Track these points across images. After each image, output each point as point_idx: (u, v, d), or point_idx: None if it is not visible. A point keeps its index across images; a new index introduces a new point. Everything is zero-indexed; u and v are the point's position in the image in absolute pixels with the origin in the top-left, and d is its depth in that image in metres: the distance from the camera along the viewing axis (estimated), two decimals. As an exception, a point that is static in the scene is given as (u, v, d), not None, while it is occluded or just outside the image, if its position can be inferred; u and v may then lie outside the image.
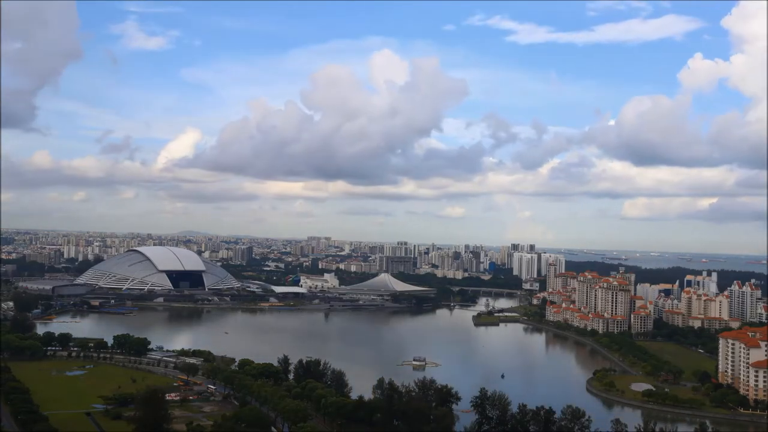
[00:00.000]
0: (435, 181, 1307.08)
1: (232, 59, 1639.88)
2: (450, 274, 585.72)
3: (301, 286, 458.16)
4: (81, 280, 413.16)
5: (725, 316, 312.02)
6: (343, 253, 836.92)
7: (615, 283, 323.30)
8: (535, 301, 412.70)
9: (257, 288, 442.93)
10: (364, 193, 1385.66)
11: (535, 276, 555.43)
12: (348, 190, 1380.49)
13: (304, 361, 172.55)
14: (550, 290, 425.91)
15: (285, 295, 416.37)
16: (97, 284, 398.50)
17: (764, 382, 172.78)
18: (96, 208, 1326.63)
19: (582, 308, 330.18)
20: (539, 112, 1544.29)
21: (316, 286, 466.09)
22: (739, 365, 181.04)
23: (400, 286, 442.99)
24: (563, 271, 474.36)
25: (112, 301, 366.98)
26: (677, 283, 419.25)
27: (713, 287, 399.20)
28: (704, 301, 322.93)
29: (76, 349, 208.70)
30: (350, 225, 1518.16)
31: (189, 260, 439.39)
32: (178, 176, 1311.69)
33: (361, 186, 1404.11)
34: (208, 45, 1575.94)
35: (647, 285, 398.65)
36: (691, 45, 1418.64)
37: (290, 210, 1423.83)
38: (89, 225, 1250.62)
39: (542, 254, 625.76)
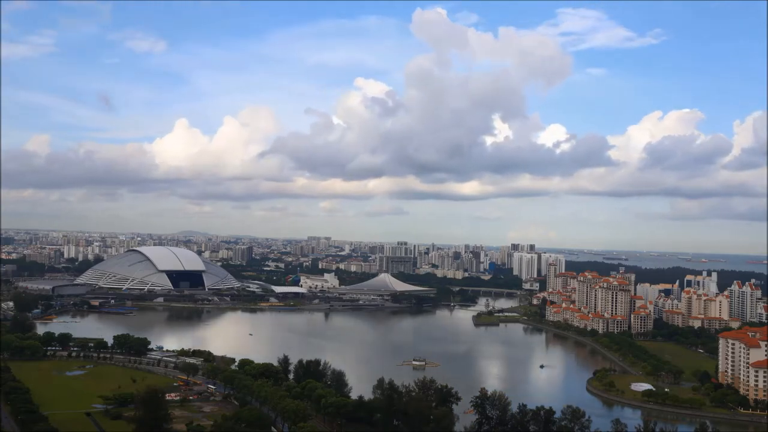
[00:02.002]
0: (502, 178, 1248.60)
1: (203, 42, 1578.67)
2: (450, 274, 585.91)
3: (301, 286, 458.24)
4: (81, 280, 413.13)
5: (725, 316, 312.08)
6: (343, 253, 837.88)
7: (615, 283, 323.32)
8: (535, 301, 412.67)
9: (257, 288, 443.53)
10: (422, 191, 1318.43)
11: (535, 276, 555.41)
12: (403, 188, 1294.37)
13: (304, 361, 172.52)
14: (550, 290, 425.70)
15: (285, 295, 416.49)
16: (97, 284, 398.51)
17: (764, 382, 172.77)
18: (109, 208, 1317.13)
19: (582, 308, 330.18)
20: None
21: (316, 286, 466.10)
22: (739, 365, 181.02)
23: (400, 286, 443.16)
24: (563, 271, 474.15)
25: (112, 301, 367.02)
26: (677, 283, 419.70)
27: (713, 287, 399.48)
28: (704, 301, 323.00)
29: (76, 349, 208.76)
30: (376, 225, 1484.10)
31: (189, 260, 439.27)
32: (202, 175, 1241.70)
33: (431, 184, 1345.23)
34: (176, 28, 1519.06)
35: (647, 285, 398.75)
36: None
37: (317, 209, 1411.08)
38: (91, 225, 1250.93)
39: (542, 254, 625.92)
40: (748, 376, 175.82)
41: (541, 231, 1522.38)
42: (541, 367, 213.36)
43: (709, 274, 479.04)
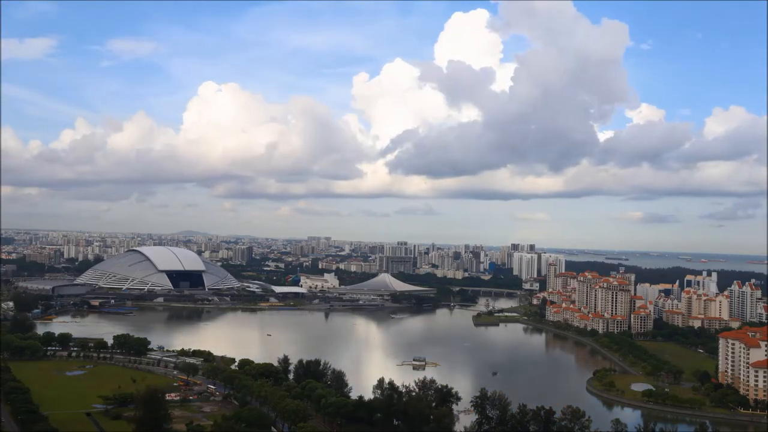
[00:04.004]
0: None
1: (173, 23, 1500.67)
2: (450, 274, 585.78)
3: (301, 286, 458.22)
4: (81, 280, 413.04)
5: (725, 316, 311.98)
6: (343, 253, 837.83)
7: (615, 283, 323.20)
8: (535, 301, 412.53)
9: (257, 288, 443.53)
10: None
11: (535, 276, 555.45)
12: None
13: (304, 361, 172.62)
14: (550, 290, 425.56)
15: (285, 295, 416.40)
16: (97, 284, 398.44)
17: (764, 382, 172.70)
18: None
19: (582, 308, 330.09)
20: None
21: (316, 286, 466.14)
22: (739, 365, 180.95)
23: (400, 286, 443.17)
24: (563, 271, 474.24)
25: (112, 301, 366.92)
26: (677, 283, 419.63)
27: (713, 287, 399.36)
28: (704, 301, 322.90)
29: (76, 349, 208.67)
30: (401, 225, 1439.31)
31: (189, 260, 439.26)
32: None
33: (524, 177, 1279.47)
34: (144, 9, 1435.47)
35: (647, 285, 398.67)
36: None
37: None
38: (92, 225, 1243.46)
39: (542, 254, 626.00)
40: (748, 376, 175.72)
41: (547, 232, 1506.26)
42: (494, 374, 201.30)
43: (709, 274, 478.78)
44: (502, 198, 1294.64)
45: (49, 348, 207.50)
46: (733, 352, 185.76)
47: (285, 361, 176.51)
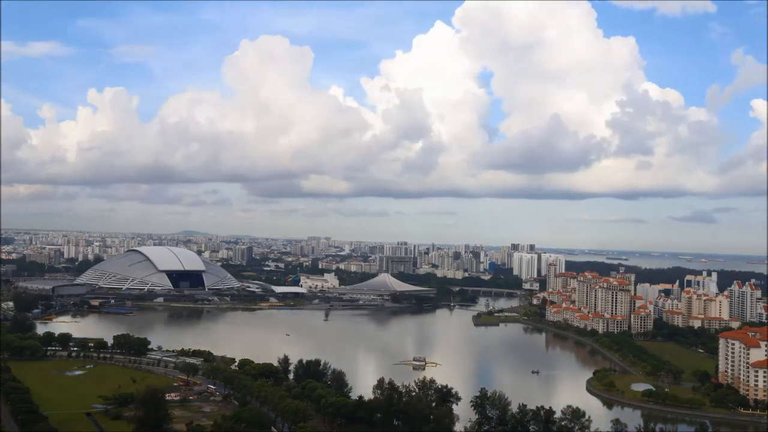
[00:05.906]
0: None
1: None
2: (450, 274, 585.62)
3: (301, 286, 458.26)
4: (81, 280, 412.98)
5: (725, 316, 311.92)
6: (343, 253, 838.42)
7: (615, 283, 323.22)
8: (535, 301, 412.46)
9: (257, 288, 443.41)
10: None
11: (535, 276, 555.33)
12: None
13: (304, 361, 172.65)
14: (550, 290, 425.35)
15: (285, 295, 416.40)
16: (97, 284, 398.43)
17: (764, 382, 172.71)
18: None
19: (582, 308, 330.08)
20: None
21: (316, 286, 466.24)
22: (739, 365, 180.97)
23: (400, 286, 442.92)
24: (563, 271, 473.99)
25: (112, 301, 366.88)
26: (677, 283, 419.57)
27: (713, 287, 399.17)
28: (704, 301, 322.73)
29: (76, 349, 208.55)
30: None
31: (189, 260, 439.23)
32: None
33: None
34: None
35: (647, 285, 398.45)
36: None
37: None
38: (92, 224, 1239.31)
39: (542, 254, 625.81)
40: (748, 376, 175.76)
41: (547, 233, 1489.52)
42: (535, 372, 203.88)
43: (709, 274, 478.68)
44: (573, 197, 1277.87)
45: (49, 348, 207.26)
46: (733, 352, 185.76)
47: (285, 361, 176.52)
